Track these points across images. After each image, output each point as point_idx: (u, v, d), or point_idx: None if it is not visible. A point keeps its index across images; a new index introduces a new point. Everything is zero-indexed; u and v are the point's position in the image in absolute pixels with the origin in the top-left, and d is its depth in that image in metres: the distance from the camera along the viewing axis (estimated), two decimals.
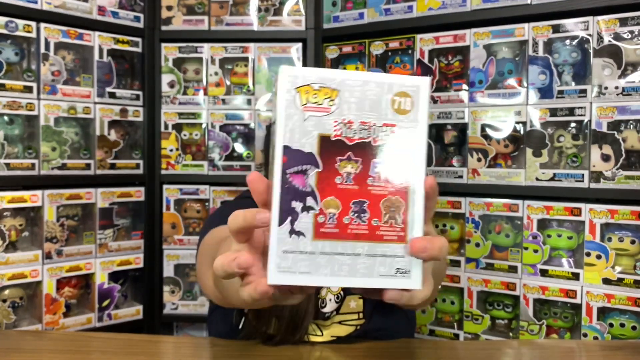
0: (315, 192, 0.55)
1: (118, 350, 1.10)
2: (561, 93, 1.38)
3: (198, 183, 1.78)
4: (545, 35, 1.40)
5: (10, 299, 1.48)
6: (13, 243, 1.50)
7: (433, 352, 1.12)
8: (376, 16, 1.64)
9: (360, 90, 0.57)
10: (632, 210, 1.30)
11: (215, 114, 1.76)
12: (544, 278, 1.40)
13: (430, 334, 1.56)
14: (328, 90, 0.56)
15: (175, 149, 1.79)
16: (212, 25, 1.76)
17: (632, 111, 1.30)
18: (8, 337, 1.27)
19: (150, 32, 1.77)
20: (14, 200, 1.47)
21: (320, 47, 1.73)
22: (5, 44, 1.49)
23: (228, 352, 1.08)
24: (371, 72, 0.76)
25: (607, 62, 1.34)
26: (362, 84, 0.57)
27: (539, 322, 1.41)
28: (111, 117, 1.68)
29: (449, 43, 1.52)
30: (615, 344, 1.24)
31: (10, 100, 1.47)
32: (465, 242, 1.50)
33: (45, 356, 1.12)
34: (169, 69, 1.78)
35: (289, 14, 1.75)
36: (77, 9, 1.60)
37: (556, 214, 1.38)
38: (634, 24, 1.31)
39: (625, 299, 1.30)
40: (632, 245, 1.31)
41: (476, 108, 1.48)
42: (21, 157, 1.51)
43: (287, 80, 0.55)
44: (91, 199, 1.63)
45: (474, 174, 1.49)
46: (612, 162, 1.33)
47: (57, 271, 1.55)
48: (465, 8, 1.49)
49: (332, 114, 0.56)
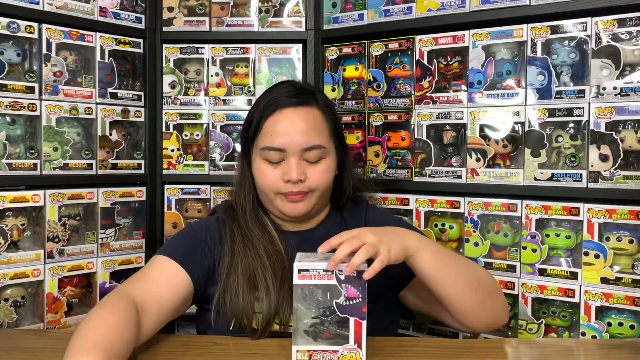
0: None
1: None
2: (559, 93, 1.39)
3: (199, 183, 1.79)
4: (544, 36, 1.41)
5: (12, 298, 1.49)
6: (15, 242, 1.51)
7: (432, 350, 1.13)
8: (376, 17, 1.64)
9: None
10: (630, 210, 1.31)
11: (216, 115, 1.77)
12: (542, 277, 1.41)
13: (429, 333, 1.57)
14: None
15: (176, 149, 1.79)
16: (213, 26, 1.77)
17: (630, 111, 1.31)
18: (10, 336, 1.28)
19: (151, 33, 1.78)
20: (16, 200, 1.48)
21: (320, 48, 1.74)
22: (7, 45, 1.49)
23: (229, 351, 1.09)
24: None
25: (605, 63, 1.35)
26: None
27: (538, 321, 1.42)
28: (113, 118, 1.69)
29: (448, 44, 1.53)
30: (613, 342, 1.25)
31: (12, 100, 1.48)
32: (464, 241, 1.51)
33: (47, 355, 1.13)
34: (170, 70, 1.79)
35: (289, 15, 1.76)
36: (78, 10, 1.61)
37: (554, 214, 1.39)
38: (632, 24, 1.31)
39: (623, 298, 1.31)
40: (630, 245, 1.32)
41: (475, 108, 1.49)
42: (23, 157, 1.52)
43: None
44: (93, 199, 1.64)
45: (472, 174, 1.50)
46: (610, 162, 1.33)
47: (58, 270, 1.56)
48: (464, 9, 1.50)
49: None
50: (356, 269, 0.95)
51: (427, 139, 1.57)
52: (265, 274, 1.17)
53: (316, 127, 1.21)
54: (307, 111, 1.22)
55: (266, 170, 1.21)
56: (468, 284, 1.12)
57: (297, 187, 1.19)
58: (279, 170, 1.20)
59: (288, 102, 1.22)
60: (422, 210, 1.56)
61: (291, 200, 1.20)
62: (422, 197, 1.56)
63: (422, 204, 1.56)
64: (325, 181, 1.23)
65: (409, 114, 1.59)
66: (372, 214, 1.35)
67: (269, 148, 1.20)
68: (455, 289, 1.10)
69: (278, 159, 1.20)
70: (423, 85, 1.57)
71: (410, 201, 1.58)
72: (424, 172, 1.57)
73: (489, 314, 1.15)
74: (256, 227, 1.24)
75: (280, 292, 1.15)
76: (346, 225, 1.30)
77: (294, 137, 1.19)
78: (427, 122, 1.56)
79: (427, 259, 1.07)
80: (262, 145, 1.21)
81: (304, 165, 1.20)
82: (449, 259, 1.11)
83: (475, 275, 1.15)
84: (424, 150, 1.58)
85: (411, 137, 1.59)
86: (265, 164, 1.21)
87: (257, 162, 1.23)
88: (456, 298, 1.10)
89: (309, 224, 1.30)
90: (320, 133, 1.22)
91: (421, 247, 1.07)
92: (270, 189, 1.21)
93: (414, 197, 1.57)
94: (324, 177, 1.22)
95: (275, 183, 1.20)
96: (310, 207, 1.23)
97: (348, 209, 1.34)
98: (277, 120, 1.21)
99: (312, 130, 1.20)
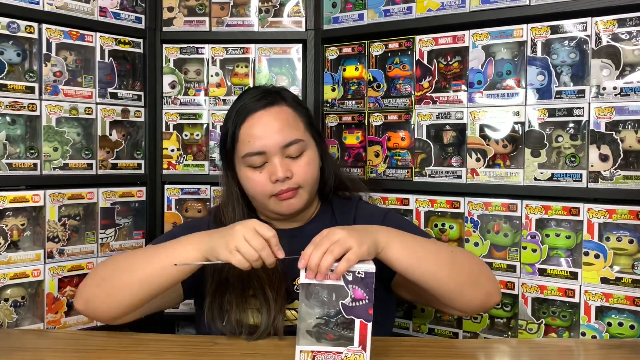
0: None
1: (119, 349, 1.11)
2: (559, 93, 1.39)
3: (199, 183, 1.79)
4: (544, 36, 1.41)
5: (12, 298, 1.49)
6: (15, 242, 1.51)
7: (432, 350, 1.13)
8: (376, 17, 1.65)
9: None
10: (630, 210, 1.31)
11: (216, 115, 1.77)
12: (542, 277, 1.41)
13: (429, 333, 1.57)
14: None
15: (176, 149, 1.79)
16: (213, 26, 1.77)
17: (630, 111, 1.31)
18: (10, 336, 1.28)
19: (151, 33, 1.78)
20: (16, 200, 1.48)
21: (320, 48, 1.74)
22: (7, 45, 1.49)
23: (229, 351, 1.09)
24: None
25: (605, 63, 1.35)
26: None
27: (538, 321, 1.42)
28: (113, 118, 1.69)
29: (448, 44, 1.53)
30: (613, 342, 1.25)
31: (12, 100, 1.48)
32: (464, 241, 1.51)
33: (47, 355, 1.13)
34: (170, 70, 1.79)
35: (289, 15, 1.76)
36: (78, 10, 1.61)
37: (554, 214, 1.39)
38: (632, 24, 1.31)
39: (623, 298, 1.31)
40: (630, 245, 1.32)
41: (475, 108, 1.49)
42: (23, 157, 1.52)
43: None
44: (93, 199, 1.64)
45: (472, 174, 1.50)
46: (610, 162, 1.33)
47: (58, 270, 1.56)
48: (464, 9, 1.50)
49: None
50: (326, 272, 0.95)
51: (427, 139, 1.57)
52: (260, 283, 1.18)
53: (289, 123, 1.24)
54: (278, 110, 1.25)
55: (252, 176, 1.23)
56: (447, 270, 1.10)
57: (285, 185, 1.21)
58: (264, 173, 1.22)
59: (257, 106, 1.24)
60: (422, 210, 1.56)
61: (284, 199, 1.22)
62: (422, 197, 1.56)
63: (422, 204, 1.56)
64: (311, 174, 1.25)
65: (409, 114, 1.59)
66: (362, 209, 1.36)
67: (249, 154, 1.22)
68: (434, 277, 1.09)
69: (261, 162, 1.22)
70: (423, 85, 1.57)
71: (410, 201, 1.58)
72: (424, 172, 1.57)
73: (478, 295, 1.14)
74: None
75: (276, 301, 1.16)
76: (336, 221, 1.31)
77: (270, 137, 1.21)
78: (427, 122, 1.56)
79: (398, 252, 1.06)
80: (243, 153, 1.23)
81: (287, 162, 1.22)
82: (422, 249, 1.10)
83: (455, 260, 1.13)
84: (424, 150, 1.58)
85: (411, 137, 1.59)
86: (250, 171, 1.24)
87: (242, 171, 1.25)
88: (437, 286, 1.10)
89: (299, 222, 1.32)
90: (295, 128, 1.25)
91: (391, 241, 1.06)
92: (261, 194, 1.24)
93: (414, 197, 1.57)
94: (309, 170, 1.25)
95: (265, 186, 1.22)
96: (304, 202, 1.26)
97: (339, 206, 1.35)
98: (251, 125, 1.23)
99: (287, 127, 1.23)
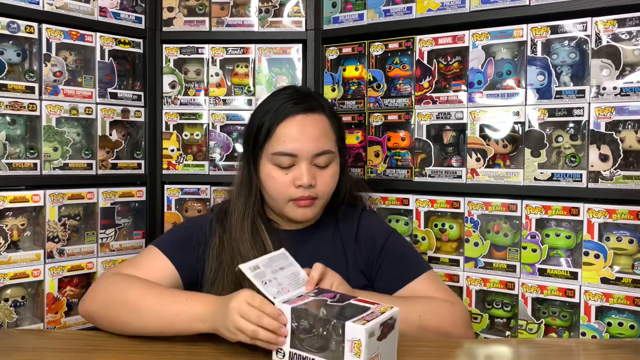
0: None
1: (119, 349, 1.11)
2: (559, 93, 1.39)
3: (199, 183, 1.79)
4: (544, 36, 1.41)
5: (12, 298, 1.49)
6: (15, 242, 1.51)
7: (432, 350, 1.13)
8: (376, 17, 1.65)
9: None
10: (630, 210, 1.31)
11: (216, 115, 1.77)
12: (542, 277, 1.41)
13: None
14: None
15: (176, 149, 1.80)
16: (213, 26, 1.77)
17: (630, 111, 1.31)
18: (10, 336, 1.28)
19: (151, 33, 1.78)
20: (16, 200, 1.48)
21: (320, 48, 1.74)
22: (7, 45, 1.49)
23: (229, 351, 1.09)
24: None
25: (605, 63, 1.35)
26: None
27: (538, 321, 1.42)
28: (113, 118, 1.69)
29: (448, 44, 1.53)
30: (613, 342, 1.25)
31: (12, 100, 1.48)
32: (464, 241, 1.51)
33: (47, 355, 1.13)
34: (170, 70, 1.79)
35: (289, 15, 1.76)
36: (78, 10, 1.61)
37: (554, 214, 1.39)
38: (632, 24, 1.32)
39: (623, 298, 1.31)
40: (630, 245, 1.32)
41: (475, 108, 1.49)
42: (23, 157, 1.52)
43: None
44: (93, 199, 1.64)
45: (472, 174, 1.50)
46: (610, 162, 1.33)
47: (58, 270, 1.56)
48: (464, 9, 1.50)
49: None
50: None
51: (427, 139, 1.57)
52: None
53: (326, 133, 1.26)
54: (317, 117, 1.27)
55: (277, 175, 1.24)
56: (415, 331, 1.15)
57: (307, 192, 1.23)
58: (289, 176, 1.23)
59: (298, 109, 1.26)
60: (422, 210, 1.56)
61: (301, 206, 1.24)
62: (422, 197, 1.56)
63: (422, 204, 1.56)
64: (331, 187, 1.28)
65: (409, 114, 1.59)
66: (366, 220, 1.35)
67: (280, 153, 1.23)
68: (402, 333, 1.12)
69: (289, 164, 1.23)
70: (423, 85, 1.57)
71: (410, 201, 1.58)
72: (424, 172, 1.57)
73: (449, 336, 1.19)
74: (249, 234, 1.26)
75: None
76: (338, 228, 1.33)
77: (305, 142, 1.22)
78: (427, 122, 1.56)
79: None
80: (274, 150, 1.24)
81: (314, 170, 1.24)
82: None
83: (422, 324, 1.17)
84: (424, 150, 1.58)
85: (411, 137, 1.59)
86: (275, 170, 1.25)
87: (267, 168, 1.26)
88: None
89: (303, 224, 1.33)
90: (329, 139, 1.27)
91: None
92: (282, 195, 1.25)
93: (414, 197, 1.57)
94: (330, 182, 1.28)
95: (287, 188, 1.24)
96: (316, 213, 1.29)
97: (343, 213, 1.35)
98: (289, 125, 1.24)
99: (323, 136, 1.25)
